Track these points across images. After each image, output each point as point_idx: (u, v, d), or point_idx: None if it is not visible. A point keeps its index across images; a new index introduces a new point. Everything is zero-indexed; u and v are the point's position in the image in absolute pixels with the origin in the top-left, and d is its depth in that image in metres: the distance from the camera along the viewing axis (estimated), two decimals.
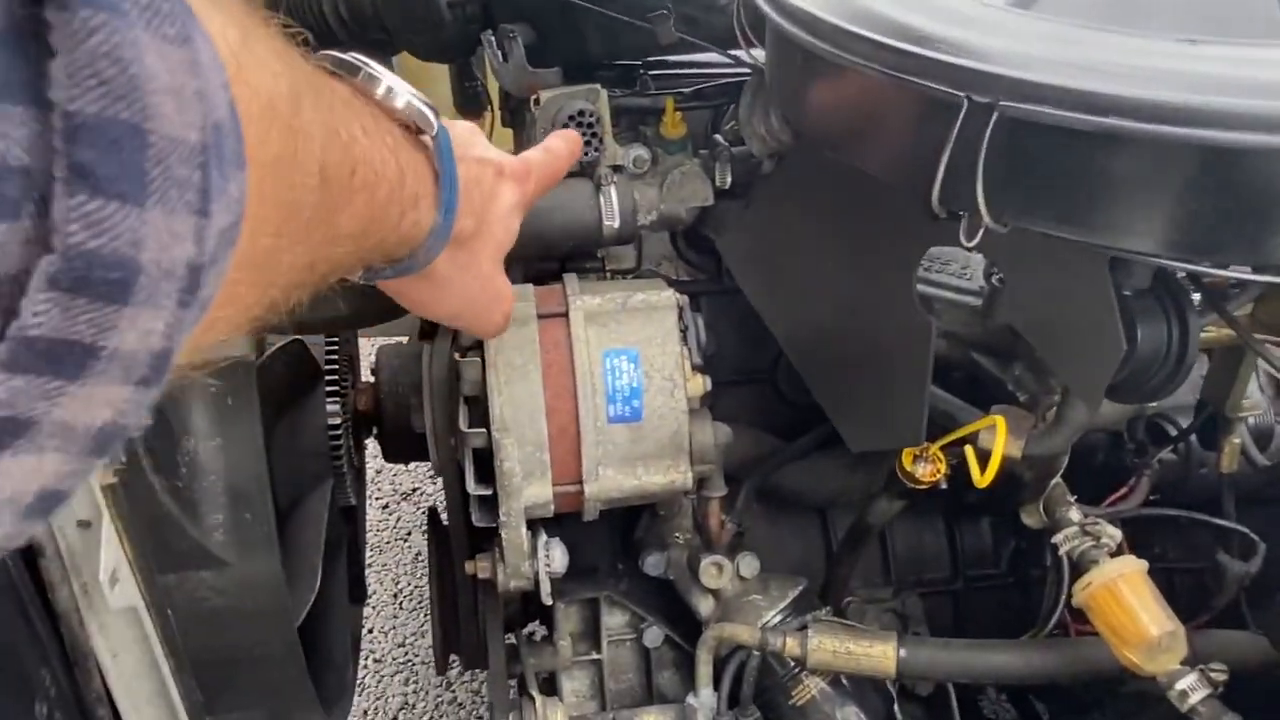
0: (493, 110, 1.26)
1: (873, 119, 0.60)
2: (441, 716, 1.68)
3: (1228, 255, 0.53)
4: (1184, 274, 0.65)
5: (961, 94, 0.51)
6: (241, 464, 0.76)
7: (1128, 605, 0.65)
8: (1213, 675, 0.64)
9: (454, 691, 1.74)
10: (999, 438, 0.66)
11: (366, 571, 1.52)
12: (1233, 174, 0.49)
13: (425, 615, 1.86)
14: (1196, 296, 0.67)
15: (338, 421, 0.98)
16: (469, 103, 1.29)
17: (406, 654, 1.79)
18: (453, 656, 1.13)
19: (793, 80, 0.67)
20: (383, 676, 1.74)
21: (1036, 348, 0.68)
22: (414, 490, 2.11)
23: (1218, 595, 0.86)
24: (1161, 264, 0.61)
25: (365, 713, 1.67)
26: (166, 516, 0.73)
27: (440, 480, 1.78)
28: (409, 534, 2.03)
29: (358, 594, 1.21)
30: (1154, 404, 0.89)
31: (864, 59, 0.56)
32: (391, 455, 1.08)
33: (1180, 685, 0.65)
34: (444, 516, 1.11)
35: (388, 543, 1.99)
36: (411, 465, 2.10)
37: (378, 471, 2.04)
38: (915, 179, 0.55)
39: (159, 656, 0.77)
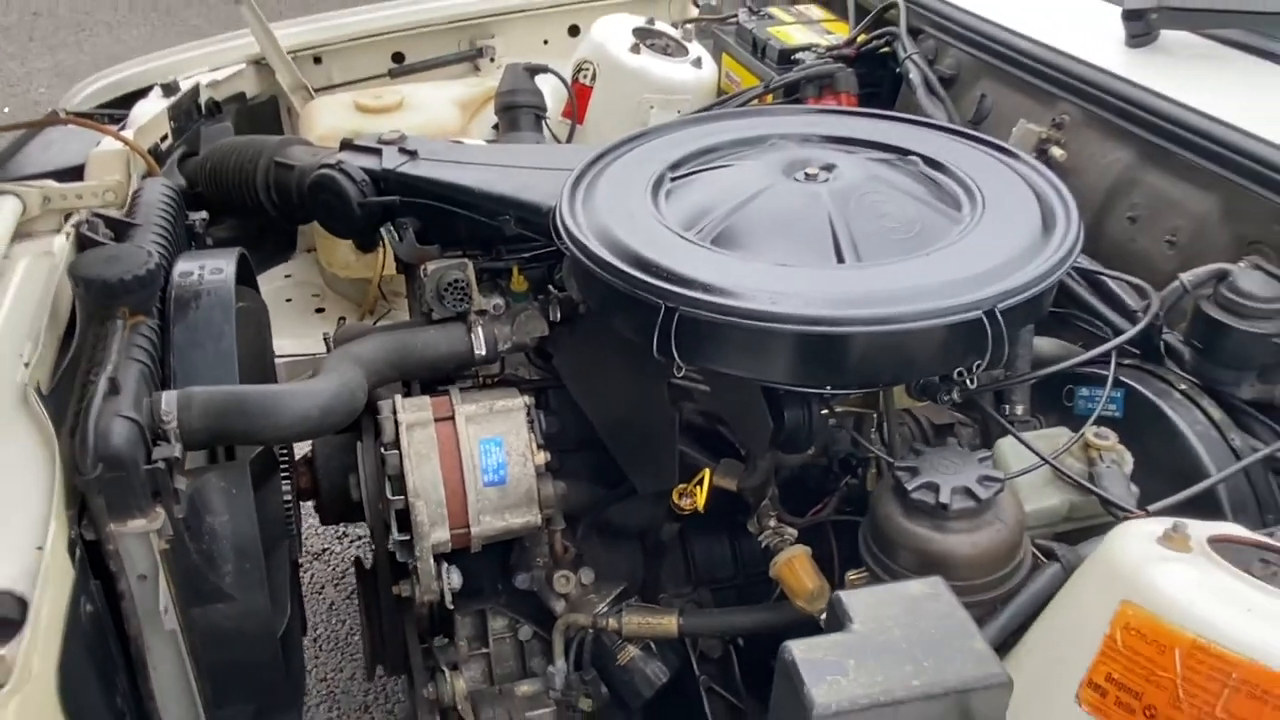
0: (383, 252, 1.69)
1: (616, 304, 1.06)
2: None
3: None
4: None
5: (659, 300, 0.97)
6: (242, 531, 1.14)
7: (795, 574, 1.11)
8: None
9: (372, 714, 2.10)
10: (706, 482, 1.13)
11: None
12: (816, 345, 0.96)
13: (341, 655, 2.22)
14: None
15: (289, 496, 1.37)
16: (368, 249, 1.70)
17: (329, 687, 2.15)
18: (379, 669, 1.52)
19: (572, 270, 1.13)
20: (310, 707, 2.09)
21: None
22: (324, 550, 2.47)
23: None
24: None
25: None
26: (195, 568, 1.12)
27: (344, 541, 2.16)
28: (322, 588, 2.39)
29: (303, 627, 1.59)
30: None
31: (606, 271, 1.02)
32: (326, 518, 1.47)
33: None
34: (367, 563, 1.51)
35: (305, 595, 2.34)
36: (321, 529, 2.47)
37: None
38: (643, 337, 1.00)
39: (187, 666, 1.15)
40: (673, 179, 1.22)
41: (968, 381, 0.99)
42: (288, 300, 2.09)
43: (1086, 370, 1.18)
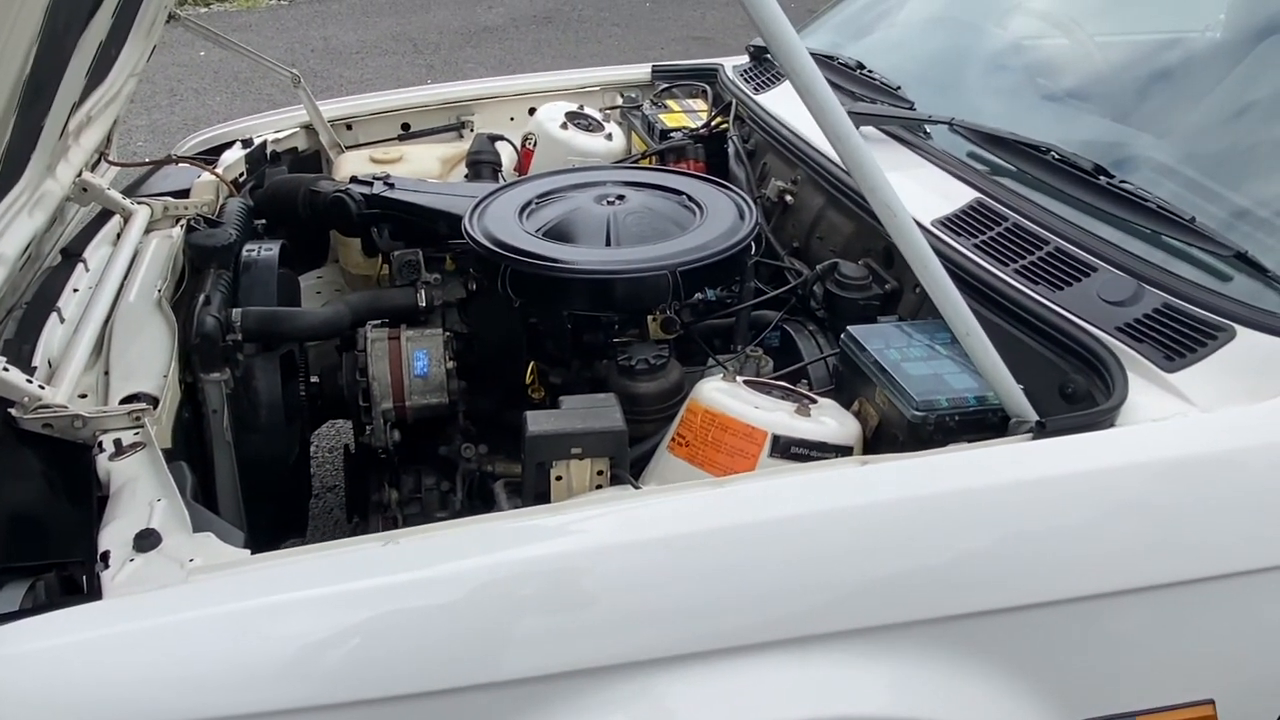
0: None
1: (486, 270, 1.90)
2: None
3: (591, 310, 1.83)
4: None
5: (500, 262, 1.82)
6: (272, 391, 1.99)
7: None
8: None
9: None
10: (531, 371, 1.96)
11: None
12: (585, 286, 1.79)
13: None
14: None
15: (303, 392, 2.21)
16: (370, 254, 2.56)
17: None
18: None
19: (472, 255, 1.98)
20: None
21: None
22: (335, 486, 3.31)
23: None
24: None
25: None
26: (243, 409, 1.96)
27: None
28: (332, 509, 3.23)
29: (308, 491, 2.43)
30: None
31: (482, 250, 1.87)
32: (325, 412, 2.31)
33: None
34: (350, 448, 2.35)
35: (318, 514, 3.17)
36: (338, 469, 3.32)
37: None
38: (497, 285, 1.84)
39: (234, 469, 1.98)
40: (536, 203, 2.07)
41: (669, 313, 1.82)
42: (317, 293, 2.96)
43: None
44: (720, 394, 1.54)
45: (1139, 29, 2.63)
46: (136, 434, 1.58)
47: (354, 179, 2.33)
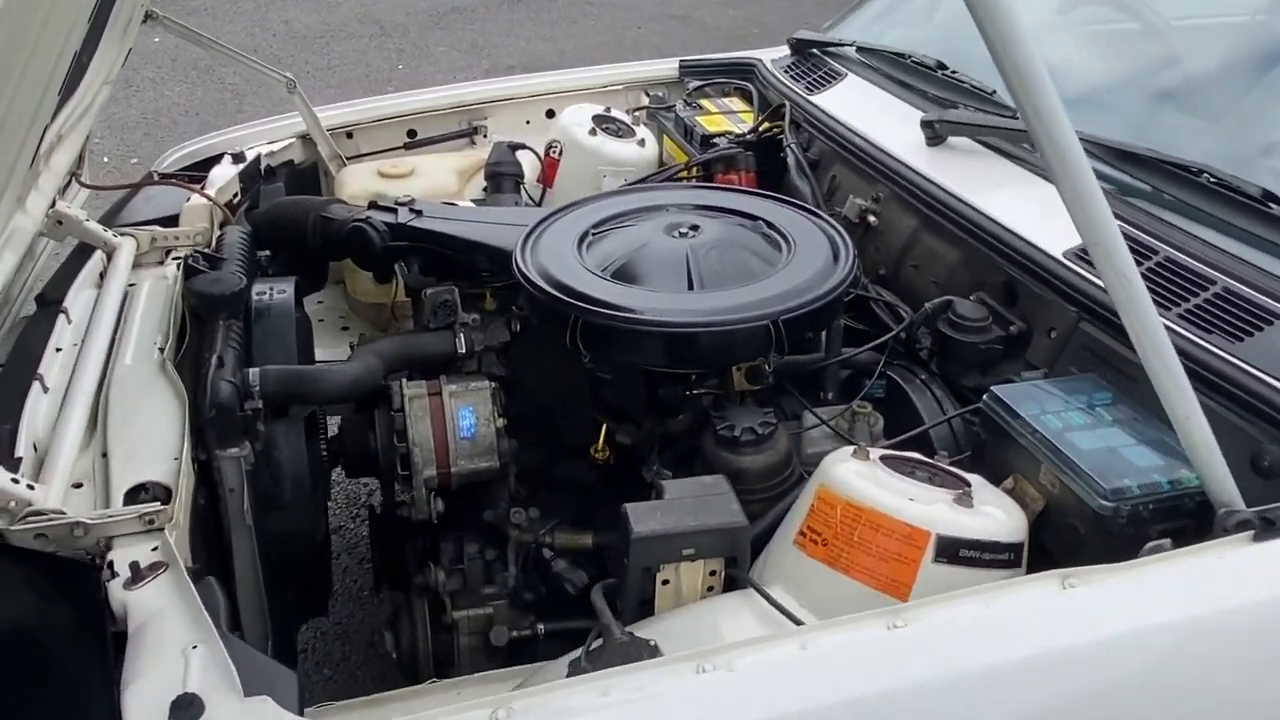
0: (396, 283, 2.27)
1: (549, 316, 1.62)
2: (368, 661, 2.59)
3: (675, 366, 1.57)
4: None
5: (570, 313, 1.55)
6: (297, 463, 1.70)
7: None
8: None
9: (375, 648, 2.64)
10: (603, 434, 1.70)
11: None
12: (670, 340, 1.52)
13: (354, 605, 2.77)
14: None
15: (324, 452, 1.93)
16: (383, 280, 2.27)
17: (342, 629, 2.69)
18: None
19: (524, 294, 1.70)
20: (328, 642, 2.64)
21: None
22: (339, 527, 3.03)
23: None
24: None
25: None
26: (265, 486, 1.67)
27: (356, 522, 2.70)
28: (338, 555, 2.94)
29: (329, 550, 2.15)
30: None
31: (542, 295, 1.59)
32: (351, 472, 2.03)
33: None
34: (376, 509, 2.07)
35: None
36: (339, 511, 3.03)
37: None
38: (565, 337, 1.56)
39: (256, 555, 1.70)
40: (593, 234, 1.80)
41: (766, 368, 1.56)
42: (320, 320, 2.66)
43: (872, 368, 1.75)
44: (863, 481, 1.29)
45: (1215, 9, 2.40)
46: (155, 548, 1.29)
47: (373, 204, 2.04)
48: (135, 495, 1.45)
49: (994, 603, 1.09)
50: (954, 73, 2.09)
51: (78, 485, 1.47)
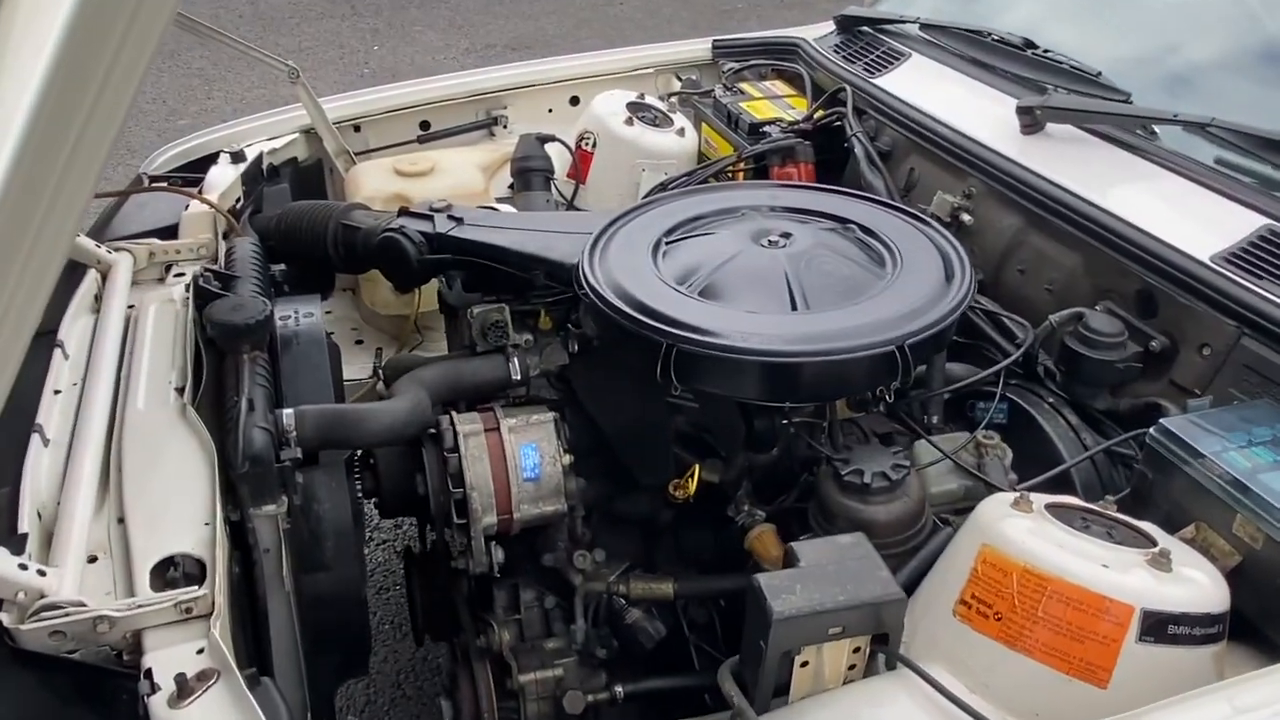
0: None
1: (627, 341, 1.40)
2: (395, 704, 2.38)
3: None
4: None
5: (661, 340, 1.33)
6: (340, 516, 1.48)
7: (765, 546, 1.47)
8: None
9: (403, 689, 2.43)
10: (695, 476, 1.49)
11: None
12: (775, 372, 1.31)
13: (376, 641, 2.55)
14: None
15: (360, 494, 1.71)
16: (404, 289, 2.03)
17: None
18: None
19: (591, 313, 1.48)
20: (349, 684, 2.42)
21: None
22: None
23: None
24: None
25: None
26: (305, 544, 1.45)
27: (370, 545, 2.48)
28: None
29: None
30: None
31: (621, 317, 1.38)
32: (386, 513, 1.81)
33: None
34: (414, 549, 1.85)
35: None
36: None
37: None
38: (648, 366, 1.35)
39: (294, 621, 1.49)
40: (667, 243, 1.59)
41: (886, 398, 1.36)
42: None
43: (983, 388, 1.55)
44: (1042, 542, 1.10)
45: None
46: (200, 650, 1.08)
47: (404, 210, 1.81)
48: (163, 570, 1.23)
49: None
50: (1047, 52, 1.89)
51: (92, 559, 1.25)
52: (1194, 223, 1.49)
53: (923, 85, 2.05)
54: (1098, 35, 2.02)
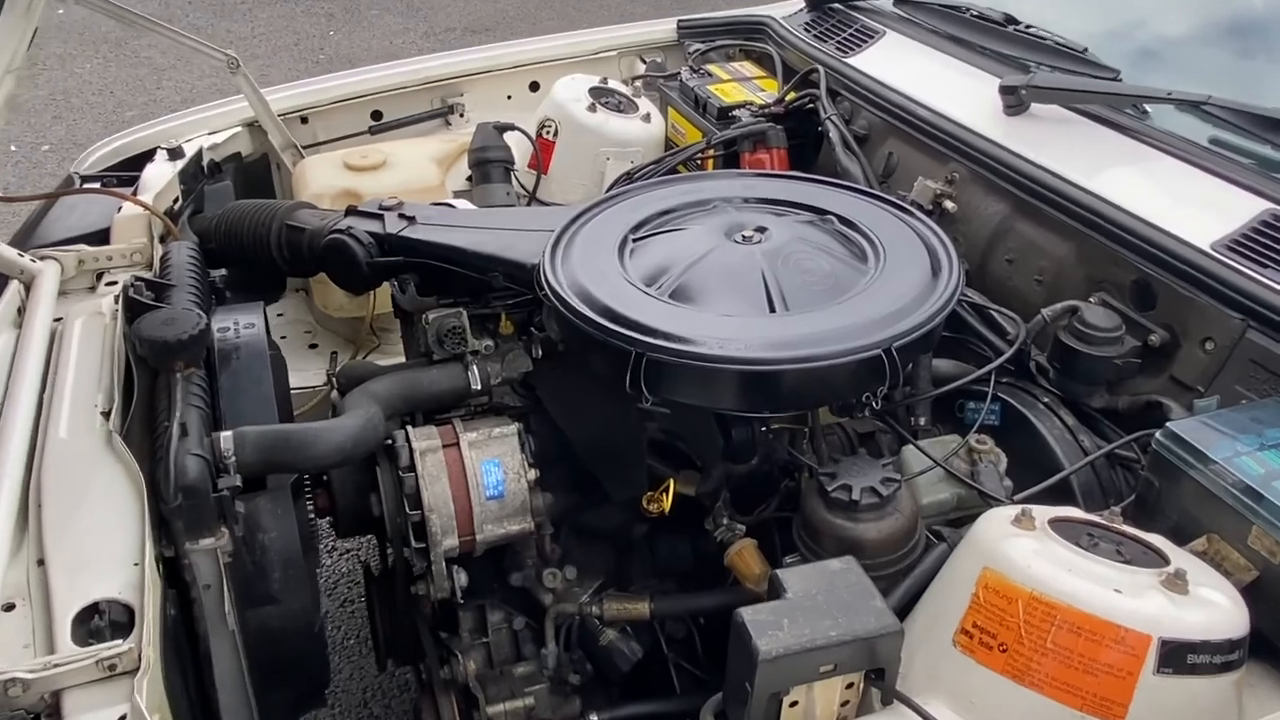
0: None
1: (594, 348, 1.30)
2: None
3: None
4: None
5: (630, 348, 1.23)
6: (288, 544, 1.37)
7: (746, 562, 1.37)
8: None
9: (370, 709, 2.32)
10: (670, 491, 1.38)
11: None
12: (754, 380, 1.21)
13: (339, 657, 2.44)
14: None
15: (311, 514, 1.60)
16: (357, 290, 1.91)
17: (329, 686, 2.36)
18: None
19: (554, 317, 1.37)
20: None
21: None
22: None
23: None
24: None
25: None
26: (250, 577, 1.34)
27: (333, 554, 2.37)
28: None
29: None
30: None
31: (586, 324, 1.27)
32: (341, 532, 1.69)
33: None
34: (373, 567, 1.74)
35: None
36: None
37: None
38: (617, 375, 1.25)
39: (242, 660, 1.38)
40: (634, 240, 1.48)
41: (873, 404, 1.26)
42: (283, 337, 2.31)
43: (974, 387, 1.46)
44: (1049, 565, 1.01)
45: None
46: (123, 717, 0.96)
47: (352, 210, 1.69)
48: (87, 618, 1.12)
49: None
50: (1029, 27, 1.79)
51: (9, 607, 1.14)
52: (1191, 207, 1.41)
53: (899, 64, 1.95)
54: (1079, 9, 1.93)
